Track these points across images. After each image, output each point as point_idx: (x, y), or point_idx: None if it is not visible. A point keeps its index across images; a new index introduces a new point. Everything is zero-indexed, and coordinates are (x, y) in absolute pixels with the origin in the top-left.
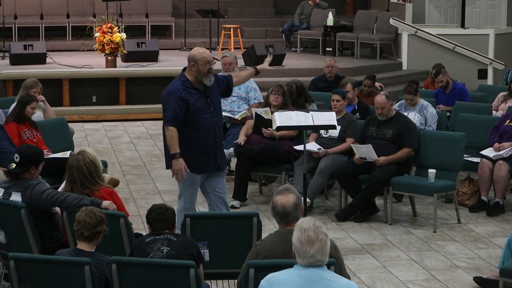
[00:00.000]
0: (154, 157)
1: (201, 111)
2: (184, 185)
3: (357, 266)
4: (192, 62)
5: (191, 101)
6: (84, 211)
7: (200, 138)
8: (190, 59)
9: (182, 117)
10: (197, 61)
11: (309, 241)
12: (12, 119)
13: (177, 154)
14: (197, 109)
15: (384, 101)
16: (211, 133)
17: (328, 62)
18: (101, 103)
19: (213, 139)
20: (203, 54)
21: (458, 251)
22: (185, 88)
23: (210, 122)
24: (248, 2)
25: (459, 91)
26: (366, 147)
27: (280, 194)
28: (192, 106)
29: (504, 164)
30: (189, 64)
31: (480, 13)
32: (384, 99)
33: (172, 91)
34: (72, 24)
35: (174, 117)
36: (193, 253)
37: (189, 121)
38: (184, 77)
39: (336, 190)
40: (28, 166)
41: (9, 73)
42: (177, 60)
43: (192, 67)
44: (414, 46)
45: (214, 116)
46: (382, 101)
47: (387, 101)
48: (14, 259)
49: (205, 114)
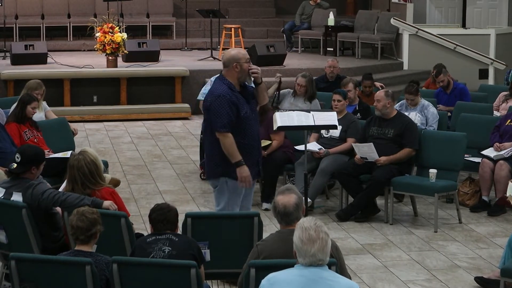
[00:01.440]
0: (155, 157)
1: (248, 117)
2: (228, 195)
3: (358, 266)
4: (234, 63)
5: (240, 105)
6: (75, 215)
7: (247, 145)
8: (231, 60)
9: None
10: (239, 60)
11: (310, 240)
12: (13, 119)
13: (242, 161)
14: (245, 114)
15: (382, 95)
16: (256, 140)
17: (330, 63)
18: (102, 103)
19: (258, 146)
20: (242, 52)
21: (459, 251)
22: (232, 92)
23: (255, 128)
24: (249, 2)
25: (460, 91)
26: (367, 145)
27: (281, 194)
28: (241, 111)
29: (505, 164)
30: (230, 66)
31: (481, 13)
32: (383, 93)
33: (222, 95)
34: (73, 24)
35: (230, 122)
36: (194, 253)
37: (237, 127)
38: (228, 81)
39: (337, 190)
40: (29, 166)
41: (10, 73)
42: (178, 60)
43: (235, 68)
44: (415, 46)
45: (256, 122)
46: (380, 94)
47: (385, 97)
48: (15, 259)
49: (251, 120)
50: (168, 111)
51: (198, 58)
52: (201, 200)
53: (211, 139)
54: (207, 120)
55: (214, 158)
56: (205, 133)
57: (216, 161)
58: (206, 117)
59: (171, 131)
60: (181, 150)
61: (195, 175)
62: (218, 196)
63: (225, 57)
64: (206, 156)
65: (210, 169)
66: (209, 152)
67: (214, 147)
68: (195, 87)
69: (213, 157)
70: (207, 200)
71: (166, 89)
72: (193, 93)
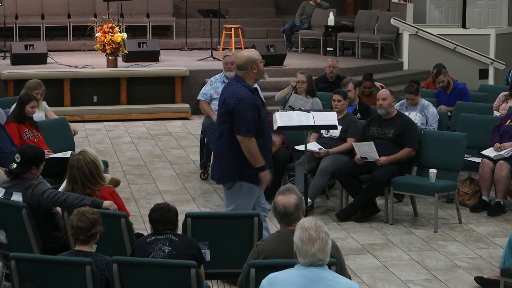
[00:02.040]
0: (155, 157)
1: (264, 119)
2: (242, 198)
3: (358, 266)
4: (253, 64)
5: (260, 108)
6: (75, 215)
7: (264, 147)
8: (248, 63)
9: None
10: (256, 61)
11: (310, 240)
12: (12, 119)
13: (265, 165)
14: (263, 117)
15: (387, 93)
16: (270, 143)
17: (330, 63)
18: (102, 103)
19: (271, 148)
20: (256, 53)
21: (459, 251)
22: (253, 95)
23: (269, 130)
24: (249, 2)
25: (460, 91)
26: (367, 145)
27: (281, 194)
28: (261, 113)
29: (505, 164)
30: (247, 68)
31: (481, 13)
32: (388, 92)
33: (246, 99)
34: (73, 24)
35: (255, 126)
36: (194, 253)
37: (257, 130)
38: (247, 83)
39: (337, 190)
40: (29, 166)
41: (10, 73)
42: (178, 60)
43: (254, 69)
44: (415, 46)
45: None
46: (385, 92)
47: (390, 95)
48: (15, 259)
49: (266, 122)
50: (168, 111)
51: (198, 58)
52: (201, 200)
53: (228, 142)
54: (225, 123)
55: (229, 162)
56: (222, 136)
57: (232, 165)
58: (225, 120)
59: (171, 131)
60: (181, 150)
61: (195, 175)
62: (230, 198)
63: (241, 60)
64: (220, 159)
65: (223, 173)
66: (225, 155)
67: (230, 151)
68: (195, 87)
69: (228, 161)
70: (207, 200)
71: (166, 89)
72: (193, 93)
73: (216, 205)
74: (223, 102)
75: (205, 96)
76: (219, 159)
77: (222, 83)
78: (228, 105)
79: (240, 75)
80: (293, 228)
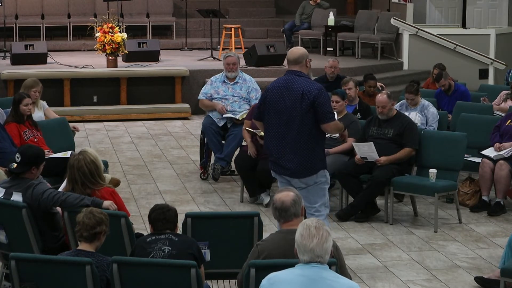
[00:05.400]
0: (155, 157)
1: None
2: (326, 188)
3: (358, 266)
4: (306, 59)
5: None
6: (83, 212)
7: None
8: (304, 56)
9: None
10: (308, 55)
11: (310, 235)
12: (12, 119)
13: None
14: None
15: (385, 100)
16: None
17: (331, 63)
18: (102, 103)
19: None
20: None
21: (459, 251)
22: None
23: None
24: (249, 2)
25: (461, 94)
26: (367, 145)
27: (280, 192)
28: None
29: (505, 164)
30: (303, 61)
31: (481, 13)
32: (385, 98)
33: (323, 88)
34: (73, 24)
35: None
36: (194, 253)
37: None
38: (306, 75)
39: (337, 190)
40: (29, 166)
41: (10, 73)
42: (178, 60)
43: (307, 64)
44: (415, 46)
45: None
46: (384, 99)
47: (388, 100)
48: (15, 259)
49: None
50: (168, 111)
51: (198, 58)
52: (201, 200)
53: (312, 132)
54: (306, 114)
55: (316, 154)
56: (303, 128)
57: (318, 155)
58: (306, 115)
59: (171, 131)
60: (181, 150)
61: (195, 175)
62: (317, 192)
63: (296, 55)
64: (305, 152)
65: (310, 165)
66: (311, 147)
67: (316, 141)
68: (195, 87)
69: (315, 152)
70: (207, 200)
71: (166, 89)
72: (193, 93)
73: (216, 205)
74: (301, 97)
75: (206, 96)
76: (303, 152)
77: (222, 83)
78: (310, 96)
79: (298, 69)
80: (293, 228)
